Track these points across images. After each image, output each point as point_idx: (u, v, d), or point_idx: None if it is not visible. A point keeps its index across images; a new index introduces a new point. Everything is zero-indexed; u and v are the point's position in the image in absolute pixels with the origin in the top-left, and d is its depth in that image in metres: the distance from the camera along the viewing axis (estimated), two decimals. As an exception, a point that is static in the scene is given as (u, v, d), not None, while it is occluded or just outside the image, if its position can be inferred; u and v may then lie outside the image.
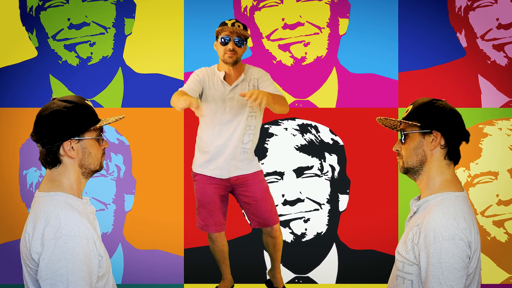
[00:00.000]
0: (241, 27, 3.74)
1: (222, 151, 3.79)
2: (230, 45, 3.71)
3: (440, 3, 4.73)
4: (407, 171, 2.52)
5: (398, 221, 4.69)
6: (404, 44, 4.73)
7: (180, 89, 3.76)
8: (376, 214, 4.73)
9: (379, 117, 2.60)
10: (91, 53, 4.72)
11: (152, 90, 4.76)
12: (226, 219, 3.93)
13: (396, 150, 2.55)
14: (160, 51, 4.78)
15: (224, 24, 3.74)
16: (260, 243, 4.56)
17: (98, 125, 2.41)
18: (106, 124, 2.43)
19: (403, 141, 2.51)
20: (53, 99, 2.41)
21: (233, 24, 3.72)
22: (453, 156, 2.47)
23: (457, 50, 4.75)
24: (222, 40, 3.72)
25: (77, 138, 2.36)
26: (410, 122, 2.47)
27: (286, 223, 4.63)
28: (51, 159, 2.36)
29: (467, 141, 2.49)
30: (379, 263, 4.69)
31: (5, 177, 4.75)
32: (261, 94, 3.49)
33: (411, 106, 2.53)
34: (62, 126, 2.34)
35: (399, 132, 2.58)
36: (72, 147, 2.36)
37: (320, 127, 4.75)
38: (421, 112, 2.48)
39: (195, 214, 3.94)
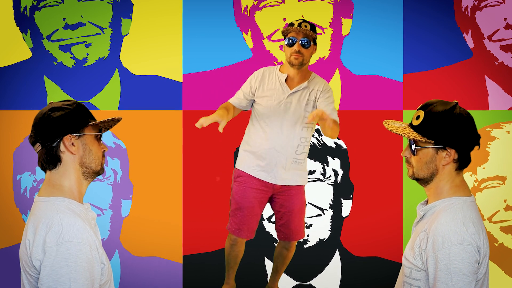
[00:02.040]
0: (308, 27, 3.70)
1: (270, 156, 3.76)
2: (296, 47, 3.68)
3: (446, 2, 4.75)
4: (416, 179, 2.53)
5: (403, 227, 4.71)
6: (409, 45, 4.75)
7: (230, 100, 3.81)
8: (380, 219, 4.75)
9: (386, 120, 2.59)
10: (87, 54, 4.74)
11: (149, 92, 4.78)
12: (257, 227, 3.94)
13: (405, 156, 2.54)
14: (158, 52, 4.79)
15: (291, 24, 3.73)
16: (261, 249, 4.59)
17: (97, 121, 2.48)
18: (104, 121, 2.49)
19: (414, 153, 2.49)
20: (50, 103, 2.48)
21: (299, 25, 3.69)
22: (464, 165, 2.48)
23: (463, 51, 4.77)
24: (288, 41, 3.71)
25: (77, 134, 2.42)
26: (424, 140, 2.44)
27: (288, 229, 4.65)
28: (51, 158, 2.41)
29: (479, 146, 2.49)
30: (384, 270, 4.71)
31: (-2, 182, 4.78)
32: (326, 121, 3.47)
33: (422, 112, 2.48)
34: (62, 121, 2.41)
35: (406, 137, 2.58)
36: (73, 143, 2.42)
37: (323, 130, 4.77)
38: (435, 126, 2.44)
39: (228, 216, 3.92)
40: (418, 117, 2.49)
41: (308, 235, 4.68)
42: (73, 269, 2.24)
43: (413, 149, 2.49)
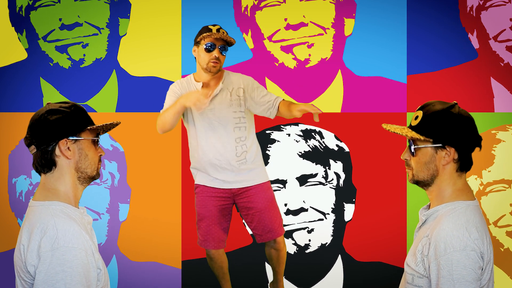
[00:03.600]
0: (225, 33, 3.74)
1: (215, 165, 3.81)
2: (215, 53, 3.71)
3: (450, 2, 4.76)
4: (416, 182, 2.53)
5: (406, 232, 4.72)
6: (412, 46, 4.76)
7: (161, 110, 3.81)
8: (383, 224, 4.76)
9: (386, 124, 2.60)
10: (84, 55, 4.75)
11: (148, 94, 4.79)
12: (227, 236, 3.93)
13: (405, 159, 2.54)
14: (156, 52, 4.80)
15: (207, 29, 3.74)
16: (261, 255, 4.60)
17: (94, 126, 2.48)
18: (103, 126, 2.50)
19: (413, 154, 2.50)
20: (48, 103, 2.48)
21: (218, 30, 3.72)
22: (466, 167, 2.48)
23: (468, 51, 4.78)
24: (207, 47, 3.72)
25: (74, 138, 2.43)
26: (422, 138, 2.45)
27: (289, 234, 4.67)
28: (46, 161, 2.41)
29: (480, 147, 2.49)
30: (387, 276, 4.72)
31: (-7, 185, 4.79)
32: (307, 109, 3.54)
33: (421, 112, 2.49)
34: (58, 124, 2.41)
35: (407, 138, 2.58)
36: (68, 148, 2.42)
37: (325, 132, 4.78)
38: (434, 124, 2.44)
39: (196, 230, 3.96)
40: (416, 118, 2.51)
41: (310, 240, 4.69)
42: (68, 274, 2.24)
43: (412, 150, 2.50)
